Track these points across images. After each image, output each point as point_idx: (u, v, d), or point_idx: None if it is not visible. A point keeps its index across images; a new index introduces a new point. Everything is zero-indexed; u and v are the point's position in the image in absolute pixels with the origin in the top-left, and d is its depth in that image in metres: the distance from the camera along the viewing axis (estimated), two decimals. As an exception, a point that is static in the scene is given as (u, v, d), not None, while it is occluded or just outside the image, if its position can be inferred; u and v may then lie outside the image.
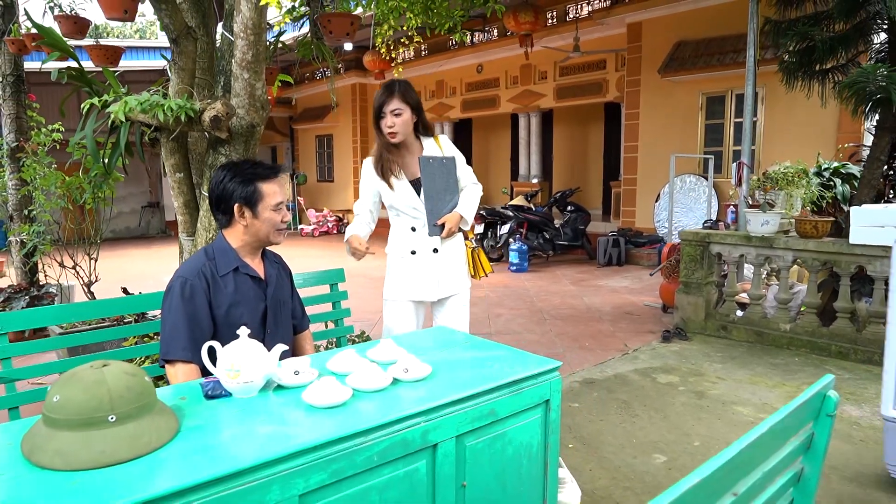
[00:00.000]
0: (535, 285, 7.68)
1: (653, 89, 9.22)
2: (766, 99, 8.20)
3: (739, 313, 5.06)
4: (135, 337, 3.14)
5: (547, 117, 12.63)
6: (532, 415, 1.68)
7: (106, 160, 3.02)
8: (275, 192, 1.92)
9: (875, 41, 5.18)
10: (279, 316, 2.05)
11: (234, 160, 1.95)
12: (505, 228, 9.01)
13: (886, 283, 4.34)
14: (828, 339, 4.48)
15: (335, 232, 14.86)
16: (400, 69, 4.14)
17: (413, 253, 2.69)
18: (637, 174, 9.66)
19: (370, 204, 2.71)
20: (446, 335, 2.06)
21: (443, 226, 2.63)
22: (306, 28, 3.83)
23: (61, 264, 4.18)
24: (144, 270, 9.41)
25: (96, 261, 4.15)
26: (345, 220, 15.26)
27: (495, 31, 11.71)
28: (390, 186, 2.61)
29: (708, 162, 6.78)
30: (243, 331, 1.46)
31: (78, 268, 4.11)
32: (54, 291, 5.16)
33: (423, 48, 13.22)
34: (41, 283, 5.22)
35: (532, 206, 9.53)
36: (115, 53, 4.02)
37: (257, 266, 1.99)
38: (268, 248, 2.06)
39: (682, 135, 8.98)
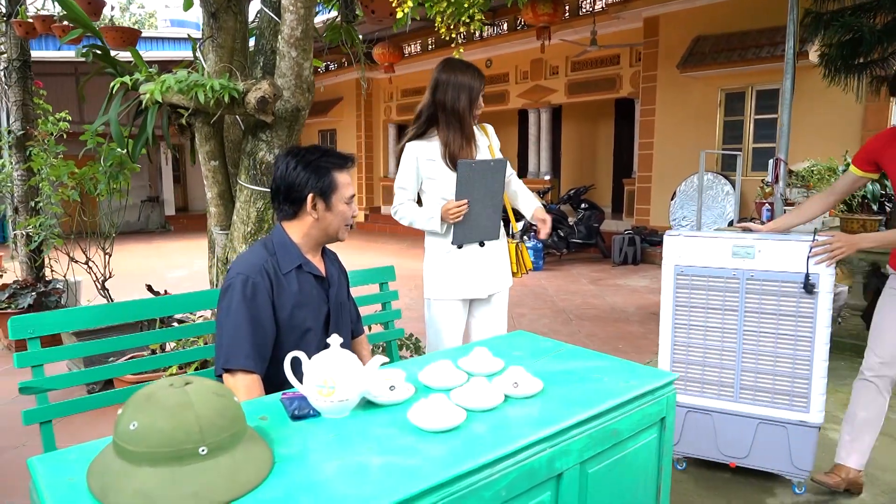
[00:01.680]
0: (553, 284, 7.48)
1: (669, 85, 9.03)
2: (781, 97, 8.02)
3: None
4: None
5: (556, 113, 12.42)
6: (649, 435, 1.48)
7: (130, 147, 2.78)
8: (348, 183, 1.73)
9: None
10: (341, 319, 1.84)
11: (297, 147, 1.73)
12: (519, 226, 8.81)
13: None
14: (875, 342, 4.29)
15: (338, 228, 14.61)
16: (461, 49, 3.89)
17: (460, 247, 2.48)
18: (652, 171, 9.47)
19: (413, 194, 2.50)
20: (530, 341, 1.85)
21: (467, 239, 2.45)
22: (334, 13, 3.60)
23: (73, 259, 3.93)
24: (145, 266, 9.14)
25: (110, 255, 3.90)
26: (348, 217, 15.01)
27: (505, 24, 11.49)
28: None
29: (737, 159, 6.59)
30: (335, 339, 1.25)
31: (91, 263, 3.86)
32: (61, 288, 4.91)
33: (429, 42, 12.99)
34: (47, 280, 4.97)
35: (545, 203, 9.32)
36: (131, 36, 3.78)
37: (318, 264, 1.78)
38: (327, 245, 1.85)
39: (699, 132, 8.80)
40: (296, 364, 1.49)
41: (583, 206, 9.28)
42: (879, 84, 5.18)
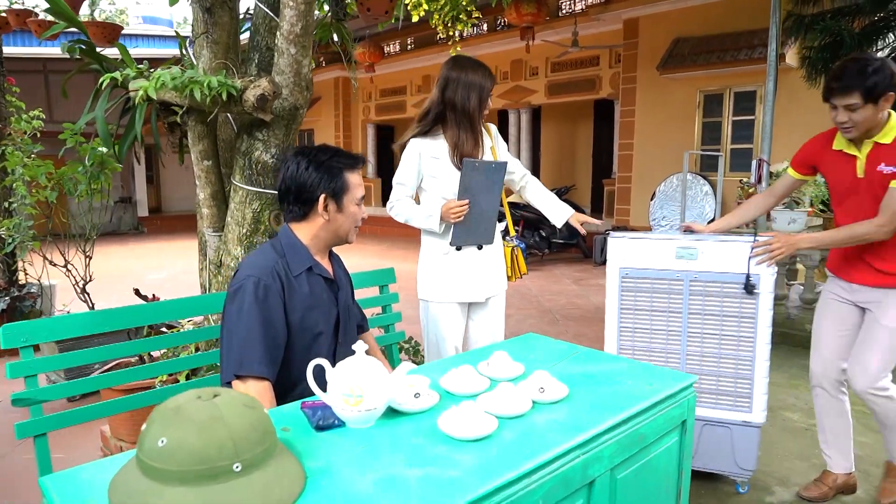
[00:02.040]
0: (537, 284, 7.49)
1: (649, 86, 9.11)
2: (764, 98, 8.15)
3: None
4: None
5: (536, 114, 12.46)
6: (671, 438, 1.46)
7: (116, 146, 2.68)
8: (359, 183, 1.68)
9: (891, 38, 5.12)
10: (349, 322, 1.79)
11: (305, 147, 1.67)
12: (501, 226, 8.80)
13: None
14: (858, 340, 4.37)
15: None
16: (458, 48, 3.85)
17: (458, 249, 2.44)
18: (632, 172, 9.56)
19: (412, 191, 2.45)
20: (543, 343, 1.82)
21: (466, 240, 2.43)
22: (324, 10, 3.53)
23: (51, 262, 3.78)
24: (122, 268, 8.92)
25: (90, 258, 3.77)
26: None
27: (485, 25, 11.49)
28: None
29: (718, 160, 6.67)
30: (360, 346, 1.20)
31: (70, 266, 3.72)
32: (36, 292, 4.75)
33: (409, 42, 12.93)
34: (21, 284, 4.80)
35: (524, 203, 9.34)
36: (113, 31, 3.66)
37: (327, 266, 1.73)
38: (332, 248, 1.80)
39: (678, 133, 8.89)
40: (287, 370, 1.44)
41: (564, 205, 9.31)
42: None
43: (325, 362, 1.21)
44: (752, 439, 2.40)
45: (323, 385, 1.24)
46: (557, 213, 2.61)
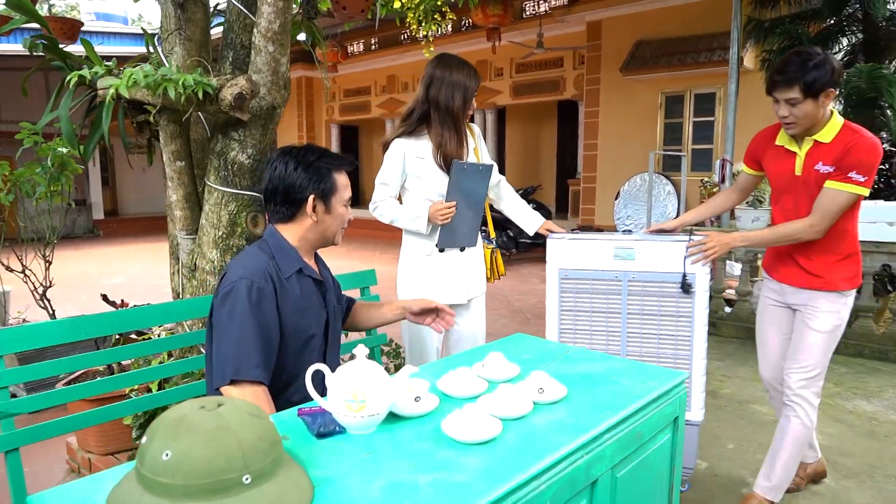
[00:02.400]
0: (506, 284, 7.52)
1: (612, 88, 9.27)
2: (723, 100, 8.38)
3: (728, 310, 5.06)
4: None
5: (501, 114, 12.54)
6: (664, 435, 1.47)
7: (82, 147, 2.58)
8: (347, 185, 1.66)
9: (844, 43, 5.33)
10: (336, 325, 1.76)
11: (291, 147, 1.63)
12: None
13: (875, 278, 4.43)
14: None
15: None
16: (432, 48, 3.82)
17: (442, 251, 2.43)
18: (597, 172, 9.70)
19: (395, 191, 2.43)
20: (534, 344, 1.82)
21: (453, 242, 2.42)
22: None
23: (8, 268, 3.62)
24: (78, 273, 8.61)
25: (51, 263, 3.62)
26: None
27: (450, 26, 11.49)
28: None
29: (681, 160, 6.82)
30: (361, 349, 1.17)
31: (28, 271, 3.57)
32: (-11, 299, 4.53)
33: (373, 42, 12.85)
34: (-28, 290, 4.57)
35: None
36: (72, 27, 3.52)
37: (314, 267, 1.70)
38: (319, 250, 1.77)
39: (641, 133, 9.07)
40: (278, 374, 1.40)
41: (530, 206, 9.38)
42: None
43: (324, 367, 1.18)
44: (691, 437, 2.36)
45: (320, 390, 1.21)
46: (529, 221, 2.60)
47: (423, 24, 3.81)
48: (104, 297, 2.91)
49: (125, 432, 2.48)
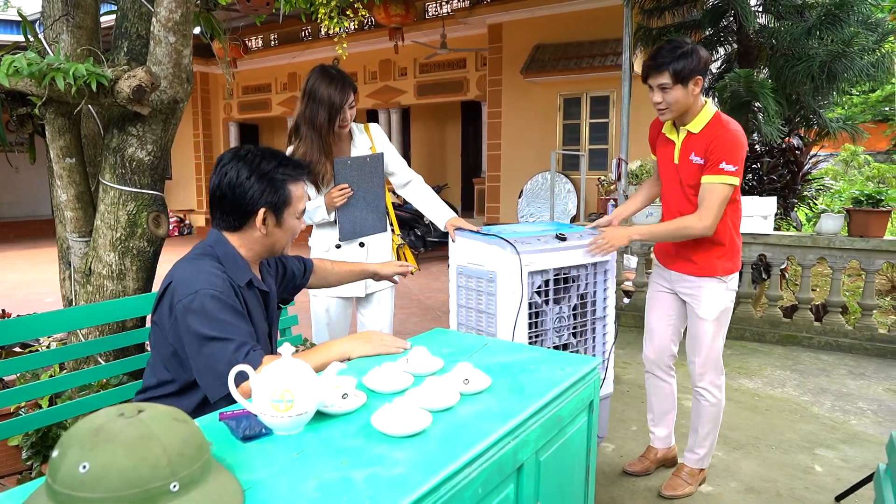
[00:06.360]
0: (415, 282, 7.56)
1: (514, 89, 9.54)
2: (617, 102, 8.86)
3: (626, 301, 5.36)
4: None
5: (405, 114, 12.56)
6: (581, 418, 1.55)
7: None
8: (302, 196, 1.57)
9: (721, 52, 5.79)
10: (275, 333, 1.72)
11: (245, 149, 1.50)
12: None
13: (753, 267, 4.86)
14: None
15: (177, 234, 13.48)
16: (344, 45, 3.74)
17: (338, 247, 2.54)
18: (500, 171, 9.95)
19: None
20: (453, 338, 1.85)
21: (354, 232, 2.48)
22: None
23: None
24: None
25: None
26: (187, 222, 13.91)
27: (353, 25, 11.37)
28: (318, 189, 2.41)
29: (580, 159, 7.14)
30: (286, 348, 1.14)
31: None
32: None
33: (272, 38, 12.47)
34: None
35: (401, 202, 9.39)
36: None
37: (259, 276, 1.63)
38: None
39: (542, 134, 9.40)
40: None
41: (439, 205, 9.48)
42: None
43: (247, 367, 1.14)
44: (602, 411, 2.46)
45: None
46: (439, 215, 2.61)
47: (335, 20, 3.75)
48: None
49: (13, 454, 2.26)
